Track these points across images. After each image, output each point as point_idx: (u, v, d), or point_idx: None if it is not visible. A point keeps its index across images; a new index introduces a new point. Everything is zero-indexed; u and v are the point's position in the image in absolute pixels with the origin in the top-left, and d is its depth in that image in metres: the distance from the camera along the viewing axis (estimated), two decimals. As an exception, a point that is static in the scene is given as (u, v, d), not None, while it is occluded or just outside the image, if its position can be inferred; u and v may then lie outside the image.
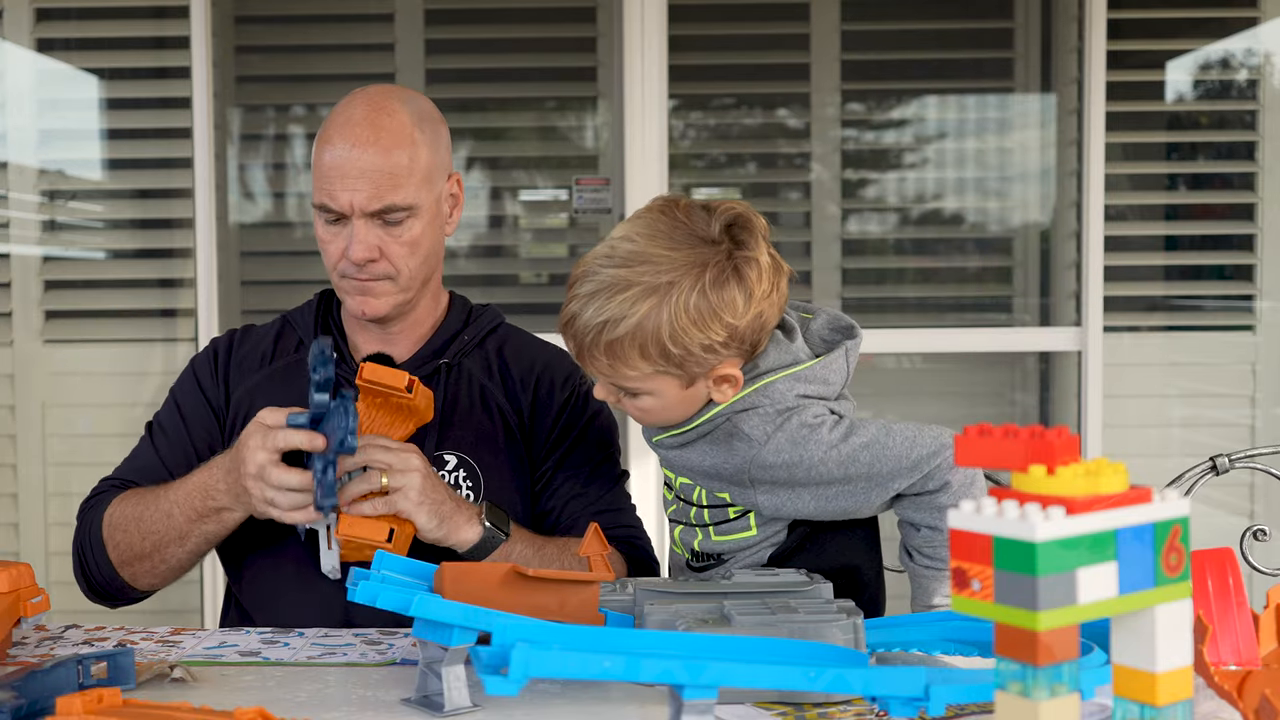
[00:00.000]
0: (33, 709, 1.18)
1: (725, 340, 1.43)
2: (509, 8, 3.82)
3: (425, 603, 1.21)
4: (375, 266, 1.71)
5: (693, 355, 1.42)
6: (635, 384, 1.46)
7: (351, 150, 1.67)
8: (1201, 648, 1.13)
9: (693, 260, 1.41)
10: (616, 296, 1.41)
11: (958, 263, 3.96)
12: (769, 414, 1.46)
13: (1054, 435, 0.86)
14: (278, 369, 1.82)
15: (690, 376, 1.45)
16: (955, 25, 3.89)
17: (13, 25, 3.48)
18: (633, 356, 1.42)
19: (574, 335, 1.46)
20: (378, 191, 1.67)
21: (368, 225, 1.69)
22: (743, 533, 1.54)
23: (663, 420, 1.51)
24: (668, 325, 1.40)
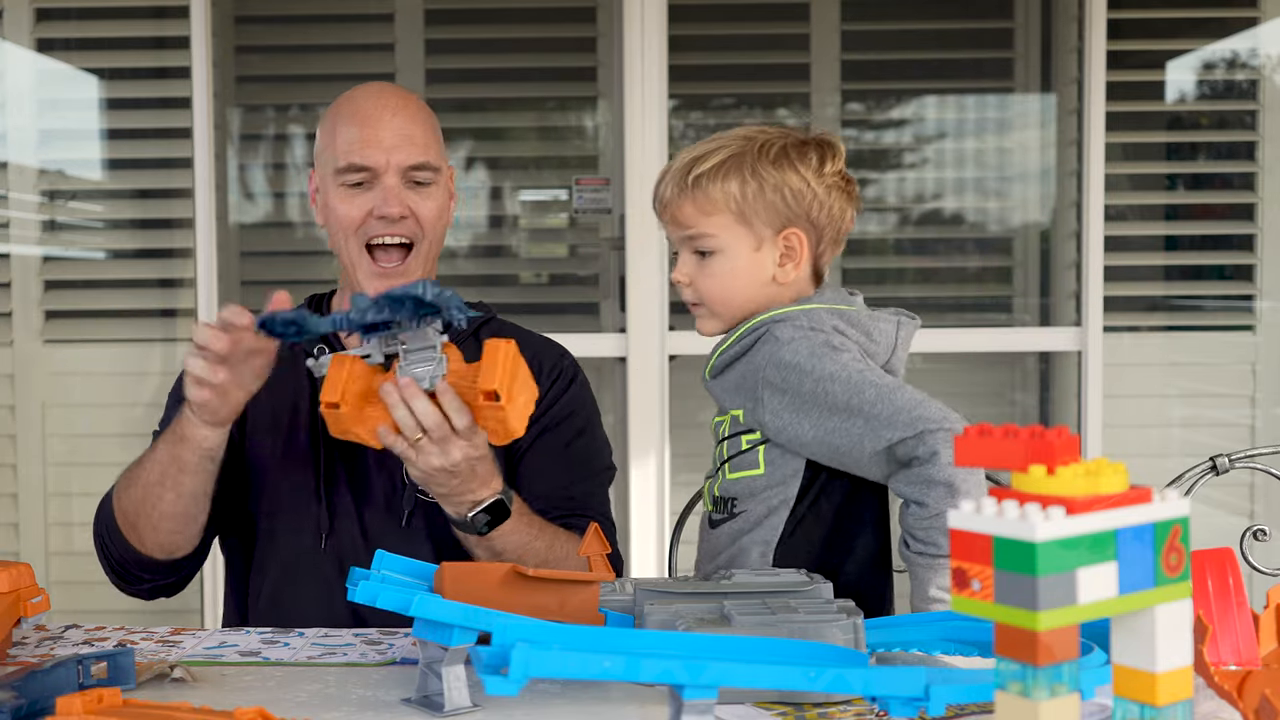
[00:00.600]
0: (33, 709, 1.18)
1: (797, 191, 1.55)
2: (509, 8, 3.82)
3: (425, 603, 1.21)
4: (405, 224, 1.75)
5: (765, 196, 1.55)
6: (710, 233, 1.56)
7: (385, 113, 1.75)
8: (1201, 648, 1.13)
9: (778, 132, 1.60)
10: (708, 145, 1.59)
11: (958, 263, 3.96)
12: (801, 325, 1.55)
13: (1054, 435, 0.86)
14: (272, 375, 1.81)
15: (758, 235, 1.56)
16: (955, 25, 3.89)
17: (13, 25, 3.48)
18: (714, 191, 1.55)
19: (665, 184, 1.59)
20: (412, 149, 1.75)
21: (398, 184, 1.75)
22: (751, 470, 1.57)
23: (724, 302, 1.59)
24: (750, 159, 1.55)
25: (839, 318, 1.57)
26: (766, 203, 1.55)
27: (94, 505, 1.81)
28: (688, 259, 1.60)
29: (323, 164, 1.80)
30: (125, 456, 2.23)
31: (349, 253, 1.78)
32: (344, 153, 1.75)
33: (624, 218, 3.17)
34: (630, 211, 3.13)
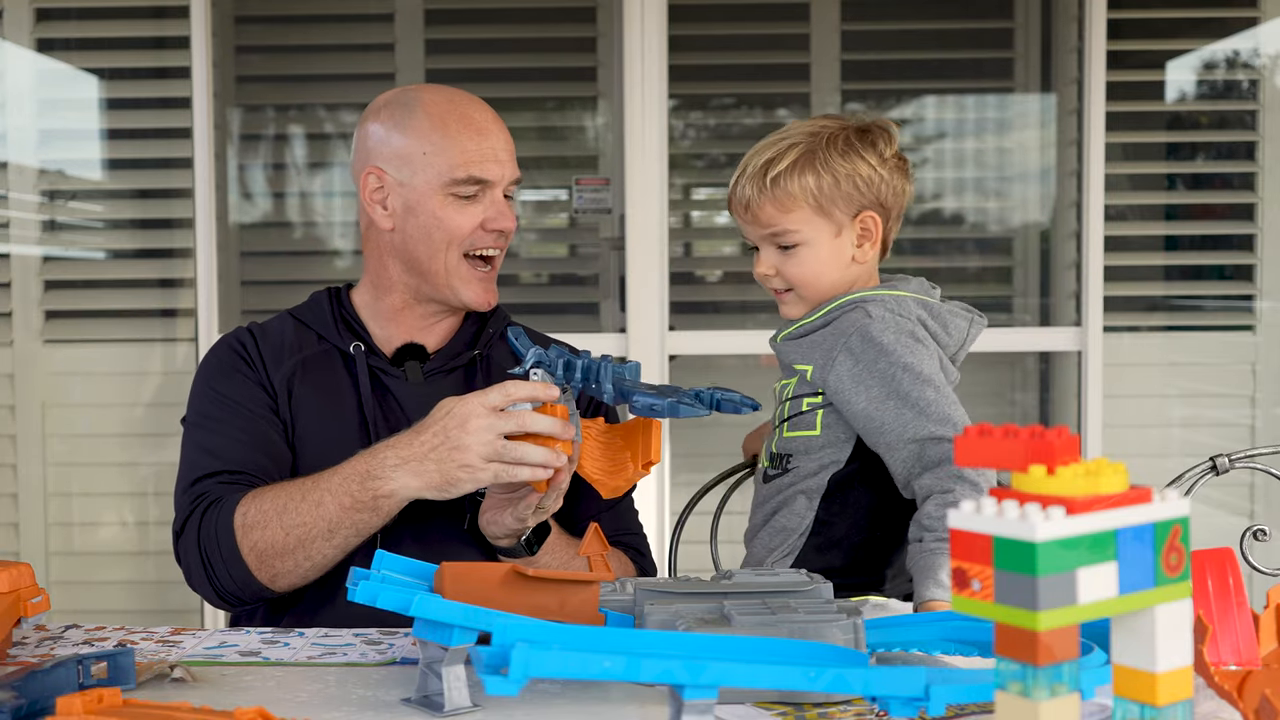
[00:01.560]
0: (33, 709, 1.18)
1: (867, 178, 1.66)
2: (509, 8, 3.82)
3: (425, 603, 1.21)
4: (505, 237, 1.81)
5: (840, 187, 1.65)
6: (793, 229, 1.66)
7: (493, 124, 1.82)
8: (1201, 648, 1.13)
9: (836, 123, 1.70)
10: (777, 144, 1.69)
11: (958, 263, 3.96)
12: (892, 309, 1.65)
13: (1054, 435, 0.86)
14: (308, 357, 1.81)
15: (837, 222, 1.67)
16: (955, 25, 3.89)
17: (13, 25, 3.48)
18: (793, 187, 1.65)
19: (742, 187, 1.69)
20: (514, 164, 1.83)
21: (502, 196, 1.80)
22: (808, 430, 1.69)
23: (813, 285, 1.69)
24: (820, 154, 1.66)
25: (923, 308, 1.67)
26: (842, 193, 1.66)
27: (94, 505, 1.79)
28: (770, 253, 1.70)
29: (409, 170, 1.77)
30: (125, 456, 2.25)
31: (443, 260, 1.78)
32: (462, 164, 1.76)
33: (624, 218, 3.17)
34: (630, 211, 3.13)
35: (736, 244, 4.21)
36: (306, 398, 1.78)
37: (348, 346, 1.81)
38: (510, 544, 1.66)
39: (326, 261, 3.88)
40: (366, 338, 1.83)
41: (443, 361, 1.82)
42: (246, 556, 1.64)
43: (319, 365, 1.81)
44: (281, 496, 1.63)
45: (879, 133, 1.69)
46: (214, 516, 1.66)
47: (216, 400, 1.79)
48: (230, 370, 1.80)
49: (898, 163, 1.70)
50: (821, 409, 1.67)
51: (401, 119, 1.79)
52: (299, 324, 1.85)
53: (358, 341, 1.81)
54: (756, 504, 1.75)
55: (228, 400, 1.78)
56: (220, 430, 1.76)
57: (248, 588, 1.66)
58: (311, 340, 1.83)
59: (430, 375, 1.81)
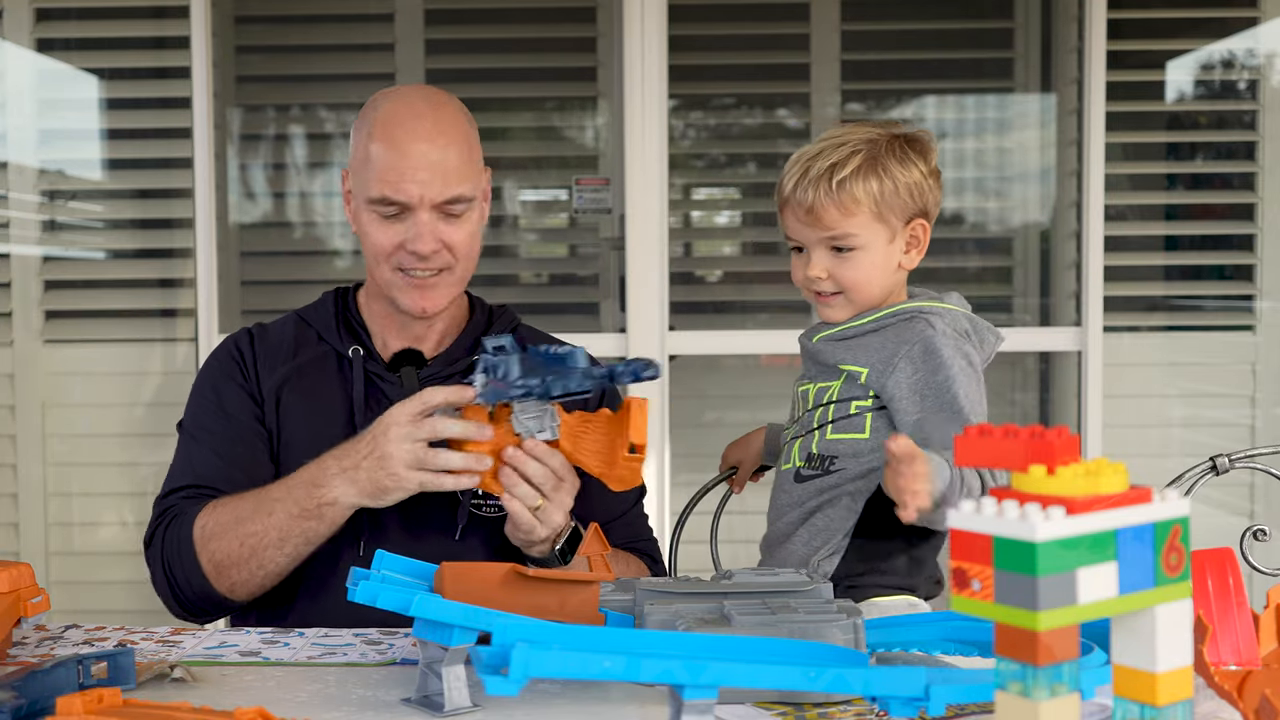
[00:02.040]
0: (33, 709, 1.18)
1: (920, 186, 1.68)
2: (509, 8, 3.82)
3: (425, 603, 1.21)
4: (437, 257, 1.73)
5: (899, 195, 1.67)
6: (854, 232, 1.67)
7: (418, 143, 1.70)
8: (1201, 648, 1.13)
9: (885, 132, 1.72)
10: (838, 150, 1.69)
11: (958, 263, 3.96)
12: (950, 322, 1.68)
13: (1054, 435, 0.86)
14: (304, 362, 1.81)
15: (892, 228, 1.68)
16: (955, 25, 3.89)
17: (13, 25, 3.48)
18: (858, 192, 1.66)
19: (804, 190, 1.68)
20: (446, 183, 1.71)
21: (431, 218, 1.71)
22: (856, 433, 1.68)
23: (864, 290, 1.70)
24: (881, 160, 1.67)
25: (969, 322, 1.71)
26: (900, 200, 1.68)
27: (94, 505, 1.79)
28: (824, 255, 1.70)
29: (355, 179, 1.76)
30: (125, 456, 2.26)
31: (381, 274, 1.76)
32: (376, 182, 1.71)
33: (624, 218, 3.17)
34: (630, 211, 3.13)
35: (736, 244, 4.21)
36: (295, 405, 1.78)
37: (347, 350, 1.80)
38: (542, 554, 1.64)
39: (326, 261, 3.88)
40: (368, 341, 1.82)
41: (440, 367, 1.80)
42: (205, 567, 1.67)
43: (315, 369, 1.81)
44: (238, 507, 1.67)
45: (926, 142, 1.72)
46: (176, 528, 1.70)
47: (207, 408, 1.81)
48: (224, 377, 1.82)
49: (938, 172, 1.74)
50: (871, 412, 1.67)
51: (361, 124, 1.76)
52: (303, 325, 1.84)
53: (357, 345, 1.80)
54: (787, 505, 1.72)
55: (217, 410, 1.80)
56: (204, 442, 1.78)
57: (208, 598, 1.69)
58: (312, 343, 1.83)
59: (426, 381, 1.78)
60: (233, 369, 1.82)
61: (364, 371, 1.79)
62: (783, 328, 3.42)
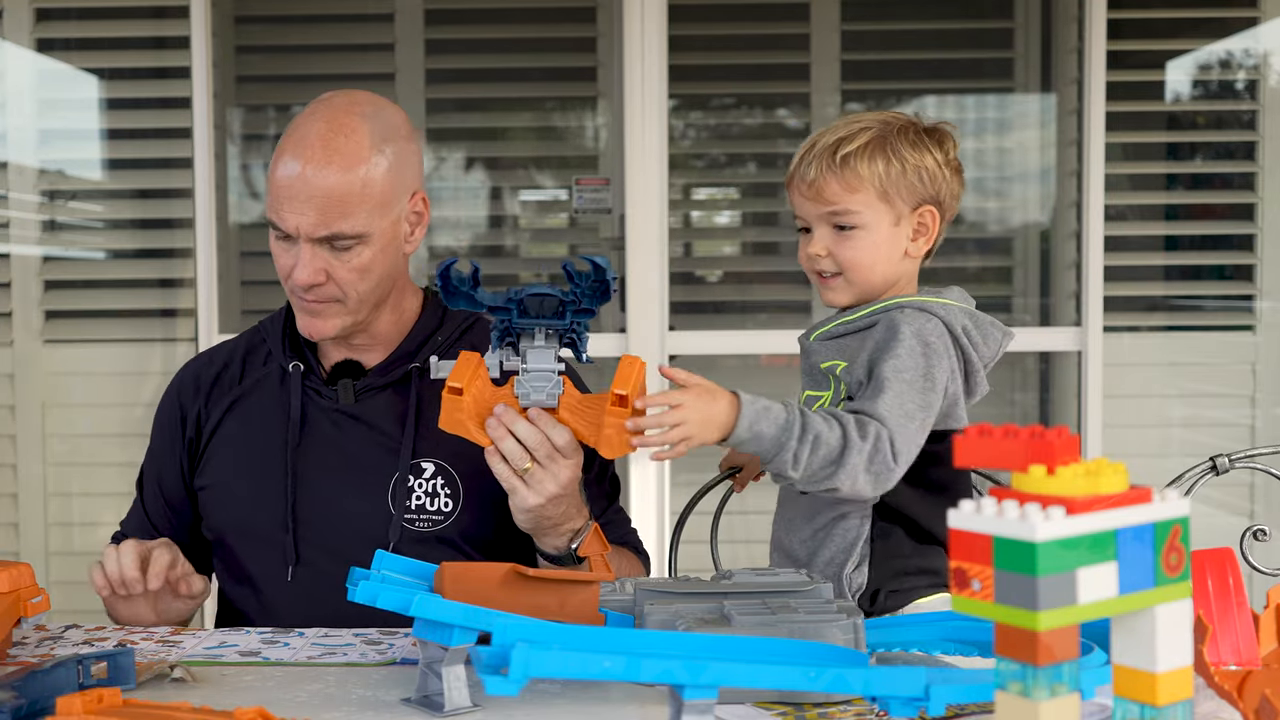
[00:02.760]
0: (33, 709, 1.18)
1: (932, 173, 1.65)
2: (509, 8, 3.82)
3: (425, 603, 1.21)
4: (321, 289, 1.68)
5: (906, 177, 1.64)
6: (855, 209, 1.63)
7: (303, 169, 1.63)
8: (1201, 648, 1.13)
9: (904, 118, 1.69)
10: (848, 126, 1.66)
11: (958, 263, 3.96)
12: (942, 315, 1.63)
13: (1054, 435, 0.86)
14: (250, 384, 1.81)
15: (898, 211, 1.65)
16: (955, 25, 3.89)
17: (13, 25, 3.48)
18: (861, 168, 1.63)
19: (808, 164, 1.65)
20: (324, 219, 1.63)
21: (314, 249, 1.65)
22: None
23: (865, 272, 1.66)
24: (891, 141, 1.64)
25: (968, 317, 1.66)
26: (907, 182, 1.64)
27: (94, 505, 1.81)
28: (825, 233, 1.67)
29: None
30: (125, 456, 2.24)
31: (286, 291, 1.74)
32: (270, 202, 1.67)
33: (624, 218, 3.17)
34: (630, 211, 3.13)
35: (736, 244, 4.21)
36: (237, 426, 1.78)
37: (289, 365, 1.78)
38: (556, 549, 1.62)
39: (326, 261, 3.88)
40: (311, 354, 1.80)
41: (375, 378, 1.76)
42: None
43: (260, 388, 1.80)
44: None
45: (945, 134, 1.70)
46: None
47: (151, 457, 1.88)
48: (163, 432, 1.87)
49: (958, 167, 1.70)
50: None
51: None
52: (257, 339, 1.85)
53: (298, 361, 1.78)
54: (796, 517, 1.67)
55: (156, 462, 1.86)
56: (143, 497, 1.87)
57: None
58: (260, 359, 1.82)
59: (364, 393, 1.75)
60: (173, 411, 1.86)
61: (302, 386, 1.76)
62: (783, 328, 3.41)
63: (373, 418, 1.74)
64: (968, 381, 1.67)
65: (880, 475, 1.51)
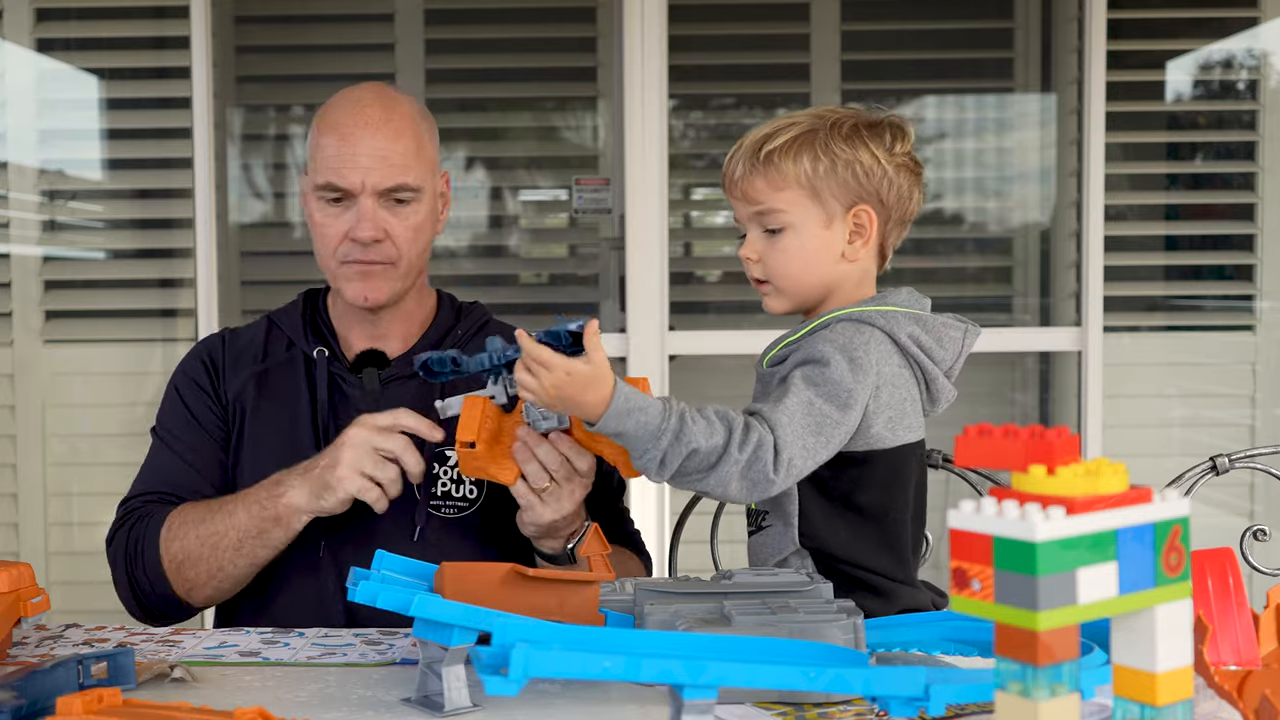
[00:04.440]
0: (33, 709, 1.18)
1: (868, 169, 1.54)
2: (509, 8, 3.82)
3: (425, 603, 1.21)
4: (380, 248, 1.73)
5: (837, 173, 1.53)
6: (780, 209, 1.55)
7: (364, 130, 1.71)
8: (1201, 648, 1.13)
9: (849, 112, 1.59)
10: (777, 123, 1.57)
11: (958, 263, 3.96)
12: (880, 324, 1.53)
13: (1054, 435, 0.86)
14: (271, 366, 1.82)
15: (829, 211, 1.55)
16: (955, 25, 3.89)
17: (13, 25, 3.48)
18: (786, 165, 1.53)
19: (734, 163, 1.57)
20: (390, 171, 1.72)
21: (375, 205, 1.72)
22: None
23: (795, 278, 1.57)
24: (822, 136, 1.54)
25: (915, 323, 1.55)
26: (838, 179, 1.54)
27: (94, 505, 1.80)
28: (756, 236, 1.59)
29: (307, 172, 1.79)
30: (125, 456, 2.23)
31: (328, 266, 1.78)
32: (322, 169, 1.73)
33: (624, 218, 3.17)
34: (630, 211, 3.13)
35: (736, 243, 4.21)
36: (261, 408, 1.79)
37: (312, 351, 1.80)
38: (554, 550, 1.65)
39: (326, 261, 3.88)
40: (334, 342, 1.83)
41: (401, 367, 1.79)
42: (166, 565, 1.69)
43: (282, 373, 1.81)
44: (203, 509, 1.70)
45: (891, 128, 1.58)
46: (142, 529, 1.72)
47: (175, 413, 1.84)
48: (192, 383, 1.85)
49: (907, 162, 1.58)
50: None
51: (313, 122, 1.79)
52: (274, 328, 1.86)
53: (322, 347, 1.81)
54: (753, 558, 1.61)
55: (186, 416, 1.83)
56: (171, 447, 1.81)
57: (167, 599, 1.71)
58: (281, 346, 1.83)
59: (389, 382, 1.79)
60: (200, 375, 1.84)
61: (328, 373, 1.79)
62: (782, 328, 3.41)
63: (396, 406, 1.74)
64: (928, 390, 1.56)
65: (756, 484, 1.43)
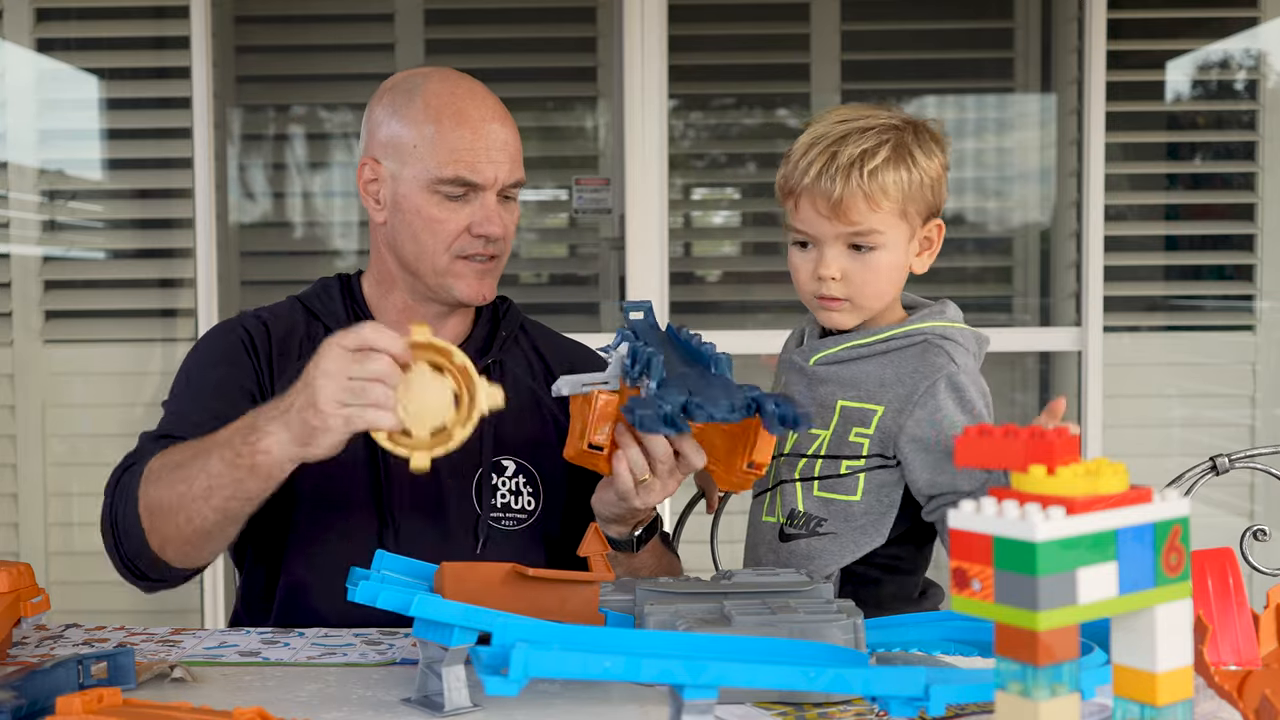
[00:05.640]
0: (33, 709, 1.18)
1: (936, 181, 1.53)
2: (509, 8, 3.82)
3: (425, 603, 1.21)
4: (499, 243, 1.71)
5: (922, 189, 1.51)
6: (880, 231, 1.51)
7: (491, 123, 1.68)
8: (1201, 648, 1.13)
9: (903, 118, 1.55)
10: (864, 136, 1.50)
11: (958, 263, 3.96)
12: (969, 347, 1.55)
13: (1054, 435, 0.86)
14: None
15: (912, 227, 1.53)
16: (955, 25, 3.89)
17: (13, 25, 3.48)
18: (888, 185, 1.49)
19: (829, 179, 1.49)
20: (514, 165, 1.70)
21: (497, 200, 1.70)
22: (848, 495, 1.54)
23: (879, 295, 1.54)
24: (908, 150, 1.51)
25: (978, 341, 1.59)
26: (921, 195, 1.53)
27: (94, 505, 1.71)
28: (839, 254, 1.52)
29: (403, 162, 1.68)
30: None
31: (431, 262, 1.69)
32: (449, 161, 1.65)
33: (624, 218, 3.17)
34: (630, 211, 3.13)
35: (736, 244, 4.21)
36: None
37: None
38: (619, 535, 1.57)
39: (326, 262, 3.88)
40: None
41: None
42: (142, 515, 1.52)
43: None
44: (182, 452, 1.51)
45: (941, 134, 1.56)
46: (129, 479, 1.56)
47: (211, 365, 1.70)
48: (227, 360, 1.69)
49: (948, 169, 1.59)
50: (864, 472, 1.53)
51: (400, 106, 1.69)
52: (309, 316, 1.76)
53: None
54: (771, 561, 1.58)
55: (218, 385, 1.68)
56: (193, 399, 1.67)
57: (143, 556, 1.54)
58: (320, 333, 1.71)
59: None
60: (239, 354, 1.70)
61: None
62: (782, 328, 3.40)
63: None
64: None
65: None
